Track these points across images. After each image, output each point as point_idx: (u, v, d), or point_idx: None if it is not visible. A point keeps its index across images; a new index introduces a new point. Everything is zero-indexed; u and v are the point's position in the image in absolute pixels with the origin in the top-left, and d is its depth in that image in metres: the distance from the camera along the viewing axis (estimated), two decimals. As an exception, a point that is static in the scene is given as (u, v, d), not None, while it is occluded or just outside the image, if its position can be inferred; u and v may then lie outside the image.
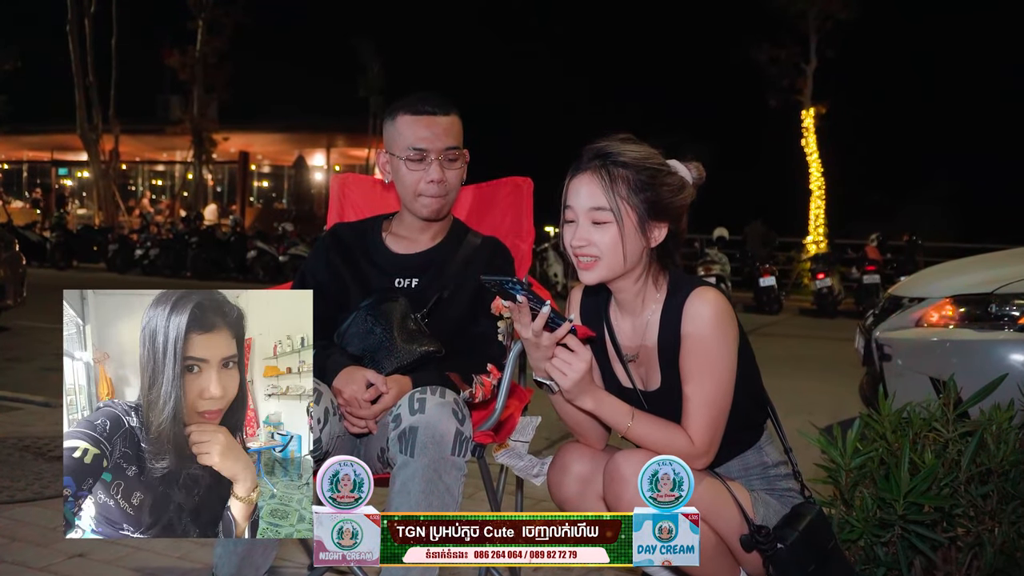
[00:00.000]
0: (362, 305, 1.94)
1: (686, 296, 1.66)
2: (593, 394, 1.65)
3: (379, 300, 1.93)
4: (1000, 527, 1.88)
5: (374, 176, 2.50)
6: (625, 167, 1.65)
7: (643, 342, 1.74)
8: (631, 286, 1.72)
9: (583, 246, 1.67)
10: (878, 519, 1.86)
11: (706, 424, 1.64)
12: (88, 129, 21.45)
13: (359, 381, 1.78)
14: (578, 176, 1.68)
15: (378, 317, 1.90)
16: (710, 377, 1.64)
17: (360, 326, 1.91)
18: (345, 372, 1.82)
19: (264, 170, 29.52)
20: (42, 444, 3.47)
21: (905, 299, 3.87)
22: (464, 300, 2.00)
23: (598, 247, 1.66)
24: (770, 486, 1.78)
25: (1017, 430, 1.95)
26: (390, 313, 1.90)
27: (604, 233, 1.65)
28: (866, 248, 13.42)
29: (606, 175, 1.65)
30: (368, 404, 1.78)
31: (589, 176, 1.66)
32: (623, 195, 1.64)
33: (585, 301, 1.84)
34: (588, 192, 1.66)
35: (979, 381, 2.10)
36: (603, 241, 1.65)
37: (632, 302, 1.74)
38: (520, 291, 1.54)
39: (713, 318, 1.64)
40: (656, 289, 1.72)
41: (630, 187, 1.65)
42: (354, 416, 1.79)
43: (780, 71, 18.70)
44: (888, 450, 1.92)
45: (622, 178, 1.65)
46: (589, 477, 1.78)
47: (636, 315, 1.75)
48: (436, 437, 1.65)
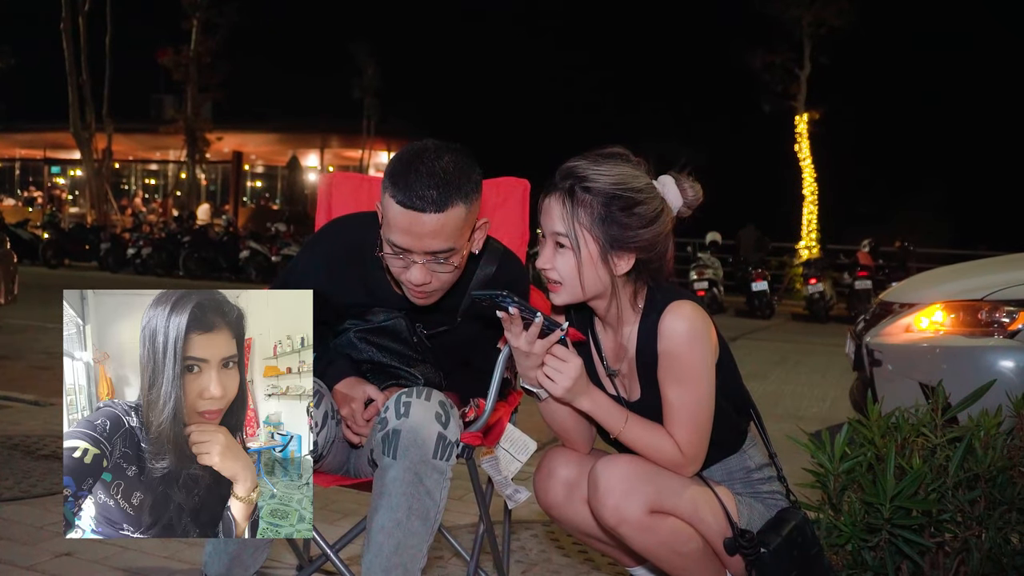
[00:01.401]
0: (353, 323, 1.87)
1: (661, 313, 1.64)
2: (590, 395, 1.66)
3: (374, 327, 1.87)
4: (987, 532, 1.89)
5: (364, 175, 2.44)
6: (590, 193, 1.60)
7: (624, 356, 1.74)
8: (603, 305, 1.71)
9: (547, 269, 1.66)
10: (865, 524, 1.88)
11: (691, 435, 1.65)
12: (81, 128, 21.35)
13: (359, 397, 1.78)
14: (547, 197, 1.65)
15: (371, 341, 1.85)
16: (690, 392, 1.63)
17: (350, 343, 1.87)
18: (347, 382, 1.81)
19: (258, 170, 29.49)
20: (31, 442, 3.46)
21: (896, 305, 3.90)
22: (473, 330, 1.89)
23: (559, 272, 1.64)
24: (753, 490, 1.79)
25: (1005, 436, 1.97)
26: (384, 336, 1.85)
27: (564, 259, 1.63)
28: (858, 254, 13.47)
29: (569, 202, 1.60)
30: (365, 421, 1.77)
31: (554, 200, 1.63)
32: (585, 224, 1.60)
33: (571, 314, 1.83)
34: (552, 215, 1.63)
35: (968, 387, 2.12)
36: (563, 266, 1.63)
37: (612, 317, 1.73)
38: (512, 303, 1.55)
39: (688, 333, 1.62)
40: (633, 307, 1.70)
41: (592, 217, 1.60)
42: (353, 431, 1.80)
43: (774, 77, 18.77)
44: (876, 455, 1.93)
45: (586, 205, 1.60)
46: (575, 481, 1.78)
47: (617, 329, 1.74)
48: (418, 440, 1.63)
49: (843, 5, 17.65)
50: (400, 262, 1.69)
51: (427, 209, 1.61)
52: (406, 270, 1.69)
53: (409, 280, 1.69)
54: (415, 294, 1.73)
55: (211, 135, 23.20)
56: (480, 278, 1.84)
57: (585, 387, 1.64)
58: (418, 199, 1.61)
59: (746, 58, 18.77)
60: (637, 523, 1.62)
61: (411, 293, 1.74)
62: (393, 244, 1.67)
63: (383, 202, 1.68)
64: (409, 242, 1.65)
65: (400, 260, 1.68)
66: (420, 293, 1.73)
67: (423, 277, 1.68)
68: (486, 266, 1.86)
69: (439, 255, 1.67)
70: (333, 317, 1.91)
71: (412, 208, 1.61)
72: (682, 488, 1.67)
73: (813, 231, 18.18)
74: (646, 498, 1.62)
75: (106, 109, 22.15)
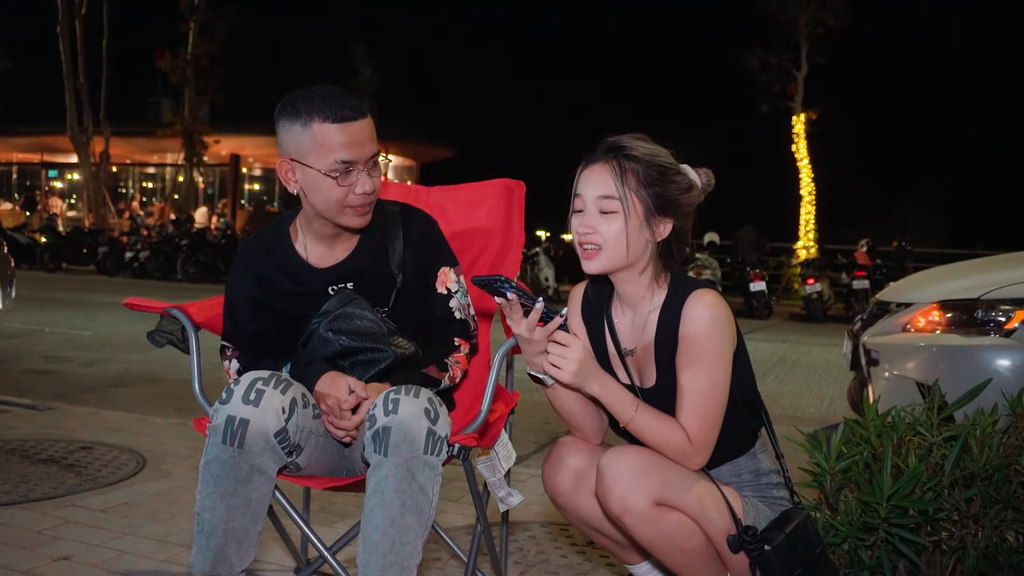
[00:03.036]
0: (317, 321, 1.87)
1: (686, 297, 1.68)
2: (600, 379, 1.66)
3: (336, 314, 1.86)
4: (983, 531, 1.89)
5: None
6: (636, 161, 1.69)
7: (641, 338, 1.75)
8: (634, 278, 1.74)
9: (588, 233, 1.70)
10: (862, 523, 1.88)
11: (702, 423, 1.65)
12: (79, 131, 21.36)
13: (341, 388, 1.77)
14: (590, 166, 1.72)
15: (339, 329, 1.85)
16: (706, 379, 1.65)
17: (321, 339, 1.86)
18: (328, 377, 1.81)
19: (255, 173, 29.46)
20: (28, 447, 3.46)
21: (893, 304, 3.90)
22: (411, 281, 1.93)
23: (603, 236, 1.69)
24: (760, 493, 1.78)
25: (1000, 434, 1.97)
26: (351, 319, 1.85)
27: (610, 223, 1.69)
28: (855, 253, 13.50)
29: (617, 166, 1.69)
30: (349, 414, 1.77)
31: (600, 166, 1.70)
32: (632, 187, 1.68)
33: (587, 297, 1.86)
34: (598, 181, 1.69)
35: (965, 386, 2.12)
36: (608, 231, 1.68)
37: (633, 297, 1.76)
38: (510, 288, 1.55)
39: (711, 320, 1.65)
40: (657, 287, 1.75)
41: (639, 180, 1.68)
42: (336, 426, 1.79)
43: (771, 77, 18.81)
44: (872, 454, 1.93)
45: (632, 171, 1.68)
46: (584, 471, 1.78)
47: (637, 310, 1.76)
48: (408, 437, 1.64)
49: (839, 5, 17.70)
50: (346, 180, 1.78)
51: (356, 116, 1.78)
52: (352, 188, 1.79)
53: (363, 191, 1.79)
54: (360, 211, 1.83)
55: (209, 138, 23.20)
56: (387, 213, 1.95)
57: (594, 370, 1.65)
58: (348, 110, 1.77)
59: (743, 59, 18.81)
60: (642, 514, 1.62)
61: (356, 213, 1.83)
62: (341, 161, 1.77)
63: (308, 139, 1.76)
64: (355, 153, 1.77)
65: (346, 178, 1.78)
66: (365, 207, 1.83)
67: (372, 184, 1.81)
68: (390, 205, 1.98)
69: (374, 158, 1.82)
70: (281, 322, 1.91)
71: (345, 120, 1.76)
72: (689, 484, 1.67)
73: (811, 231, 18.21)
74: (652, 490, 1.62)
75: (103, 112, 22.15)
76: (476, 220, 2.30)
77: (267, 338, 1.93)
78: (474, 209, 2.32)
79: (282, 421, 1.71)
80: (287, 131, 1.79)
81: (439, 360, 1.92)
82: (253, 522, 1.73)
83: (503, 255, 2.27)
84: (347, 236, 1.92)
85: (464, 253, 2.24)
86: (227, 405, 1.69)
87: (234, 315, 1.94)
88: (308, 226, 1.91)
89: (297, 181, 1.82)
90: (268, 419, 1.69)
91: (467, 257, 2.26)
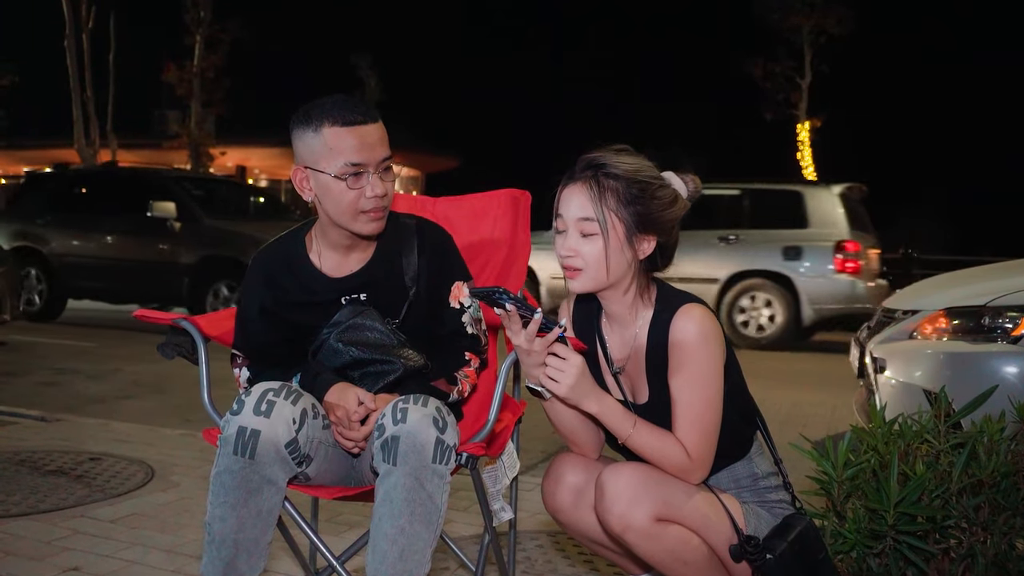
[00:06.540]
0: (328, 331, 1.88)
1: (673, 312, 1.67)
2: (598, 397, 1.66)
3: (347, 324, 1.87)
4: (992, 538, 1.89)
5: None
6: (615, 179, 1.66)
7: (631, 355, 1.75)
8: (619, 297, 1.73)
9: (569, 256, 1.69)
10: (870, 530, 1.87)
11: (699, 437, 1.65)
12: (85, 144, 21.43)
13: (351, 399, 1.78)
14: (569, 186, 1.70)
15: (349, 340, 1.85)
16: (700, 393, 1.65)
17: (331, 349, 1.87)
18: (337, 388, 1.81)
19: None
20: (37, 458, 3.47)
21: (899, 312, 3.89)
22: (424, 294, 1.93)
23: (583, 258, 1.67)
24: (760, 498, 1.79)
25: (1008, 441, 1.97)
26: (361, 331, 1.86)
27: (591, 245, 1.67)
28: (861, 261, 13.42)
29: (595, 186, 1.66)
30: (358, 425, 1.78)
31: (579, 186, 1.68)
32: (611, 207, 1.66)
33: (577, 311, 1.85)
34: (577, 202, 1.68)
35: (972, 393, 2.11)
36: (589, 253, 1.67)
37: (620, 314, 1.75)
38: (508, 299, 1.56)
39: (700, 335, 1.65)
40: (644, 303, 1.73)
41: (619, 199, 1.66)
42: (345, 436, 1.80)
43: (776, 85, 18.83)
44: (880, 461, 1.93)
45: (611, 190, 1.66)
46: (583, 488, 1.79)
47: (625, 327, 1.76)
48: (417, 446, 1.64)
49: (843, 13, 17.72)
50: (357, 183, 1.79)
51: (367, 120, 1.80)
52: (363, 191, 1.79)
53: (374, 194, 1.80)
54: (373, 215, 1.82)
55: (215, 149, 23.26)
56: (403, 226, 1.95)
57: (591, 388, 1.65)
58: (358, 115, 1.79)
59: (747, 67, 18.84)
60: (643, 531, 1.62)
61: (369, 217, 1.82)
62: (351, 164, 1.78)
63: (320, 144, 1.79)
64: (365, 155, 1.78)
65: (357, 181, 1.79)
66: (378, 212, 1.82)
67: (384, 187, 1.82)
68: (406, 218, 1.98)
69: (386, 163, 1.83)
70: (293, 332, 1.92)
71: (355, 124, 1.79)
72: (689, 496, 1.67)
73: (816, 238, 18.16)
74: (652, 506, 1.62)
75: (110, 125, 22.22)
76: (482, 230, 2.31)
77: (277, 347, 1.94)
78: (480, 219, 2.33)
79: (293, 432, 1.72)
80: (300, 138, 1.83)
81: (449, 373, 1.93)
82: (263, 532, 1.74)
83: (509, 265, 2.28)
84: (362, 246, 1.92)
85: (470, 264, 2.24)
86: (238, 416, 1.70)
87: (245, 323, 1.96)
88: (323, 235, 1.91)
89: (311, 189, 1.84)
90: (279, 430, 1.70)
91: (473, 267, 2.26)
